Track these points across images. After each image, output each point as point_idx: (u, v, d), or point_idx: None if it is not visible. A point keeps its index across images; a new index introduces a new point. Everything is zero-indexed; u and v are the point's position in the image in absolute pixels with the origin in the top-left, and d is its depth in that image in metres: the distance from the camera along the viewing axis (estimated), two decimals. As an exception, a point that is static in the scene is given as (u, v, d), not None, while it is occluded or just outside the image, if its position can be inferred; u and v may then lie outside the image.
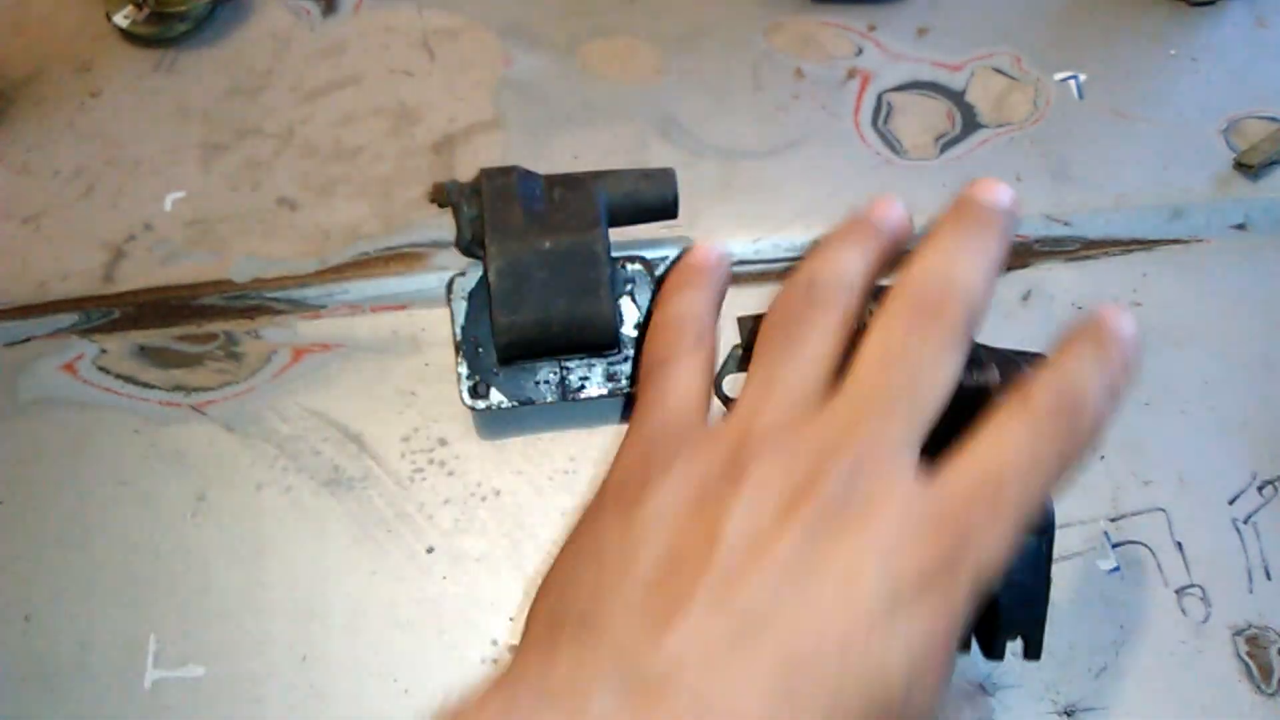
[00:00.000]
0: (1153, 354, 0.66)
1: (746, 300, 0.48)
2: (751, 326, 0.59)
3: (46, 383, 0.67)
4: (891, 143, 0.75)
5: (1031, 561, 0.42)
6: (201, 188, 0.74)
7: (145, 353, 0.68)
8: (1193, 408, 0.65)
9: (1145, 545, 0.60)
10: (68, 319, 0.69)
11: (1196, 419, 0.64)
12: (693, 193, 0.69)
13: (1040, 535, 0.43)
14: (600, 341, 0.61)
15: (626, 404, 0.65)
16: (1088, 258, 0.70)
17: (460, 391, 0.62)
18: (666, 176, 0.65)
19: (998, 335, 0.45)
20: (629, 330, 0.64)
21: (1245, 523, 0.61)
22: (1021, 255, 0.70)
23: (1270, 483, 0.62)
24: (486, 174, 0.62)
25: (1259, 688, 0.57)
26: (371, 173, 0.74)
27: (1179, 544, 0.60)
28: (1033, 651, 0.44)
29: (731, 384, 0.67)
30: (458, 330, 0.63)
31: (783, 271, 0.70)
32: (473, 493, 0.63)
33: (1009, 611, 0.42)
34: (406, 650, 0.58)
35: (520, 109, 0.77)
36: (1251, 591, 0.59)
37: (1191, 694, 0.57)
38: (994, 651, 0.44)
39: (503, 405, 0.62)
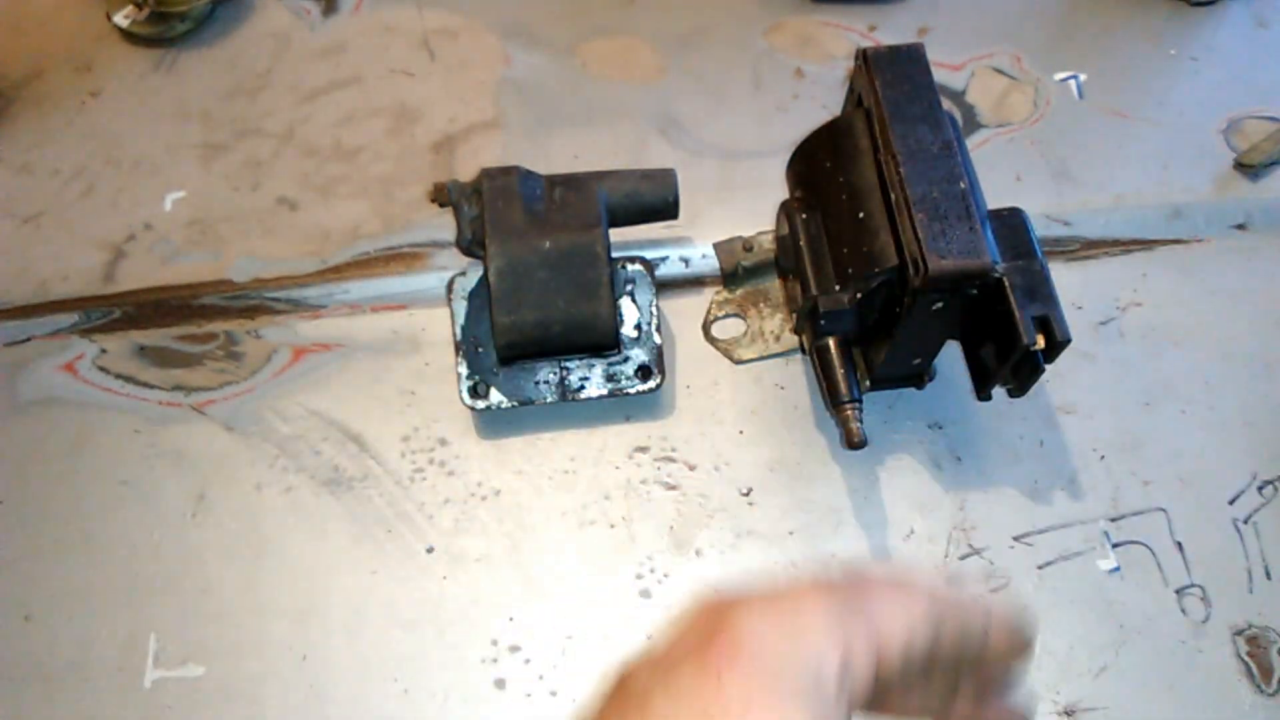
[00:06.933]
0: (1153, 354, 0.66)
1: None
2: (728, 250, 0.62)
3: (46, 383, 0.67)
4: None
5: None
6: (201, 188, 0.74)
7: (145, 353, 0.68)
8: (1193, 408, 0.65)
9: (1145, 545, 0.60)
10: (68, 319, 0.69)
11: (1196, 419, 0.64)
12: (693, 193, 0.68)
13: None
14: (600, 342, 0.61)
15: (626, 404, 0.65)
16: (1088, 258, 0.70)
17: (460, 391, 0.62)
18: (667, 177, 0.65)
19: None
20: (629, 330, 0.64)
21: (1245, 523, 0.61)
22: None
23: (1270, 483, 0.62)
24: (487, 174, 0.62)
25: (1259, 688, 0.57)
26: (371, 173, 0.74)
27: (1179, 544, 0.60)
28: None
29: (720, 328, 0.67)
30: (458, 330, 0.63)
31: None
32: (473, 493, 0.63)
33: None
34: (406, 650, 0.58)
35: (520, 109, 0.77)
36: (1251, 591, 0.59)
37: (1191, 694, 0.57)
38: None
39: (503, 405, 0.62)
